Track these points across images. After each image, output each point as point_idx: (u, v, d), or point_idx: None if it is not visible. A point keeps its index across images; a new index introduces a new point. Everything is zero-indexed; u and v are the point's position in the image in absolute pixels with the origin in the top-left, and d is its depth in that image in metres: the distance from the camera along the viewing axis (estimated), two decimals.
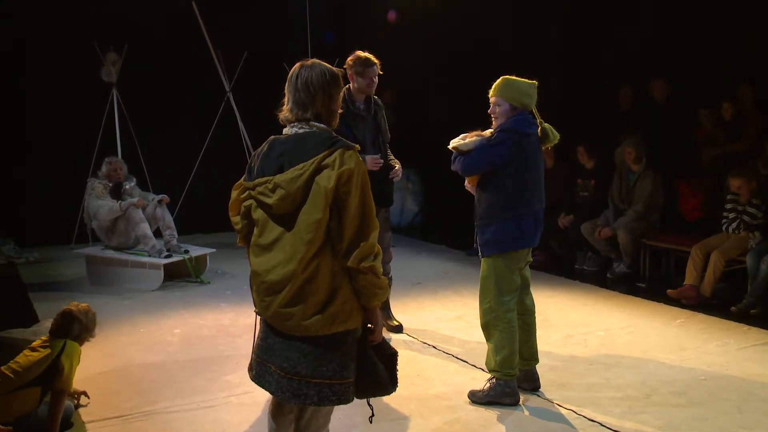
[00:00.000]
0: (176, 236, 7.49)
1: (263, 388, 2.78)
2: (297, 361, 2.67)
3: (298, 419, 2.91)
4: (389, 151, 5.40)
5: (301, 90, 2.67)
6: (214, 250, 7.77)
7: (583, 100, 8.28)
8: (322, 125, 2.69)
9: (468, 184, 4.30)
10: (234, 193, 2.85)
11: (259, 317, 2.83)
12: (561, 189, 7.85)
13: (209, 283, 7.31)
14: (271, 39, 9.81)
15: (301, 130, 2.69)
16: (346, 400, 2.71)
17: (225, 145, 9.56)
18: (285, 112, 2.73)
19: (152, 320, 6.01)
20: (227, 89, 9.43)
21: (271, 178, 2.65)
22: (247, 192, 2.76)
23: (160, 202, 7.50)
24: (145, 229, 7.19)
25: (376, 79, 5.14)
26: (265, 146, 2.77)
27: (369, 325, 2.76)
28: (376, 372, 2.77)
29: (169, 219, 7.51)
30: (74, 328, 3.90)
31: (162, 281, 7.05)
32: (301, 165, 2.59)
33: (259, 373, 2.79)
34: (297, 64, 2.74)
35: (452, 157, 4.28)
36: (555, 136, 4.18)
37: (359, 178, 2.58)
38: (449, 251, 8.80)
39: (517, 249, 4.12)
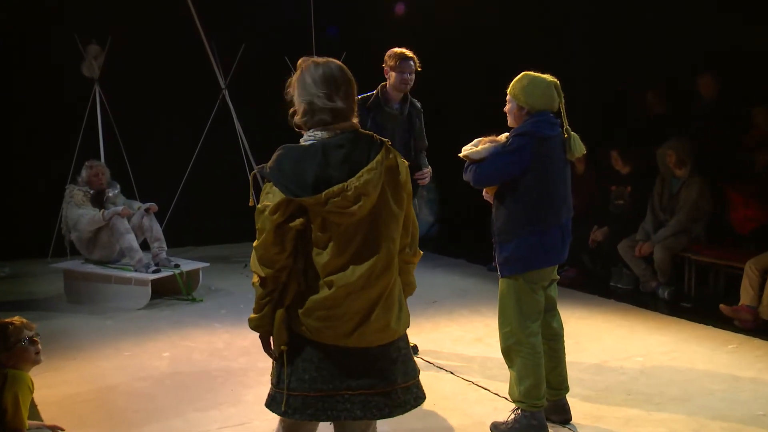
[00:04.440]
0: (165, 249, 7.51)
1: (338, 420, 2.77)
2: (387, 372, 2.81)
3: None
4: (426, 161, 5.53)
5: (309, 91, 2.77)
6: (207, 264, 7.78)
7: (616, 97, 8.27)
8: (345, 124, 2.75)
9: (487, 193, 4.29)
10: (273, 217, 2.64)
11: (284, 348, 2.77)
12: (593, 197, 7.83)
13: (202, 301, 7.33)
14: (271, 30, 9.85)
15: (342, 134, 2.72)
16: (424, 397, 2.94)
17: (220, 147, 9.58)
18: (298, 117, 2.79)
19: (138, 342, 6.02)
20: (222, 86, 9.46)
21: (344, 184, 2.61)
22: (300, 215, 2.66)
23: (147, 210, 7.52)
24: (131, 240, 7.21)
25: (413, 76, 5.26)
26: (316, 158, 2.65)
27: None
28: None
29: (157, 230, 7.53)
30: None
31: (149, 299, 7.07)
32: (369, 166, 2.66)
33: (324, 407, 2.74)
34: (304, 62, 2.83)
35: (464, 167, 4.26)
36: (578, 148, 4.11)
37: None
38: (468, 266, 8.78)
39: (541, 267, 4.10)
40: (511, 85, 4.17)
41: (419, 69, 5.27)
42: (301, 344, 2.76)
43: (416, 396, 2.88)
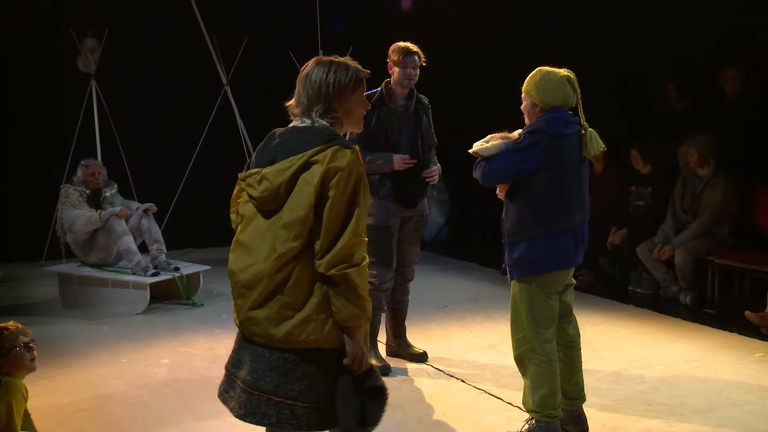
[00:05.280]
0: (165, 251, 7.53)
1: (225, 404, 2.95)
2: (261, 375, 2.82)
3: None
4: (435, 159, 5.52)
5: (311, 89, 2.89)
6: (208, 267, 7.79)
7: (636, 92, 8.25)
8: (324, 122, 2.87)
9: (500, 192, 4.29)
10: (235, 189, 3.09)
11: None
12: (612, 198, 7.81)
13: (202, 305, 7.34)
14: (275, 24, 9.86)
15: (301, 124, 2.90)
16: (307, 427, 2.81)
17: (222, 145, 9.61)
18: (292, 104, 2.95)
19: (136, 349, 6.02)
20: (224, 81, 9.48)
21: (260, 169, 2.86)
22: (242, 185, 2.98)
23: (146, 211, 7.53)
24: (129, 243, 7.23)
25: (417, 71, 5.25)
26: (265, 138, 3.00)
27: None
28: (345, 403, 2.81)
29: (156, 231, 7.54)
30: None
31: (148, 303, 7.08)
32: (290, 158, 2.79)
33: (225, 389, 2.97)
34: (312, 61, 2.94)
35: (474, 164, 4.26)
36: (596, 146, 4.09)
37: (350, 180, 2.74)
38: (480, 270, 8.78)
39: (552, 270, 4.08)
40: (525, 82, 4.17)
41: (424, 64, 5.26)
42: None
43: (282, 417, 2.79)
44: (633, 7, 8.14)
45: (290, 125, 2.95)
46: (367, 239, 2.81)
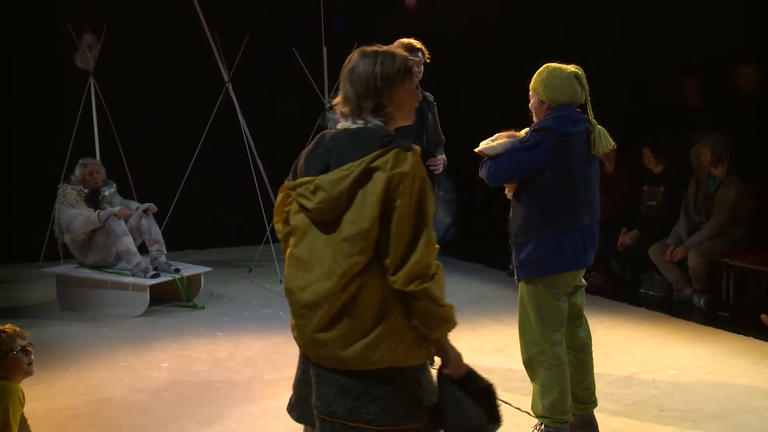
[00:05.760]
0: (165, 252, 7.55)
1: (311, 427, 2.80)
2: (332, 399, 2.66)
3: None
4: (441, 150, 5.53)
5: (358, 83, 2.71)
6: (209, 269, 7.81)
7: (649, 89, 8.23)
8: (378, 121, 2.71)
9: (509, 192, 4.28)
10: (279, 196, 2.90)
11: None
12: (623, 198, 7.80)
13: (203, 308, 7.34)
14: (278, 19, 9.87)
15: (353, 126, 2.72)
16: None
17: (223, 144, 9.62)
18: (339, 101, 2.77)
19: (135, 352, 6.03)
20: (226, 79, 9.47)
21: (314, 178, 2.67)
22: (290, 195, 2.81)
23: (145, 211, 7.55)
24: (128, 243, 7.24)
25: (421, 68, 5.26)
26: (313, 142, 2.82)
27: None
28: (464, 411, 2.74)
29: (156, 232, 7.56)
30: None
31: (147, 306, 7.09)
32: (347, 165, 2.60)
33: (305, 411, 2.80)
34: (356, 53, 2.78)
35: (481, 163, 4.25)
36: (605, 143, 4.08)
37: (415, 185, 2.57)
38: (488, 271, 8.78)
39: (560, 272, 4.07)
40: (532, 79, 4.17)
41: (428, 60, 5.26)
42: None
43: None
44: (645, 1, 8.14)
45: (339, 126, 2.77)
46: (438, 247, 2.65)
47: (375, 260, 2.59)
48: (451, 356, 2.74)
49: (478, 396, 2.77)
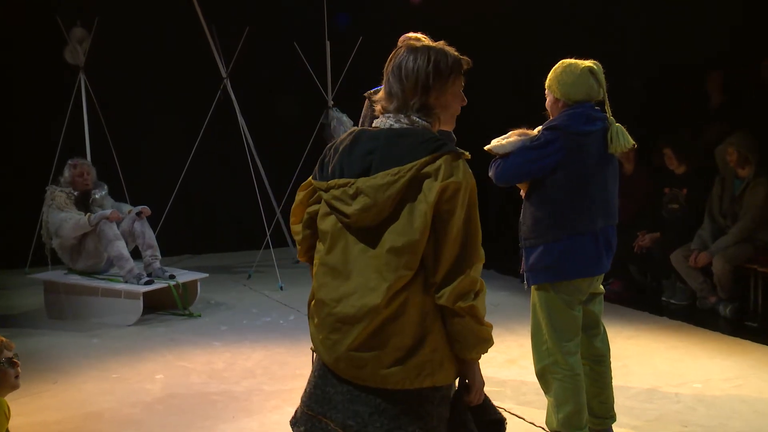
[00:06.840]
0: (159, 258, 7.55)
1: None
2: (368, 419, 2.61)
3: None
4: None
5: (406, 79, 2.63)
6: (206, 275, 7.81)
7: (671, 86, 8.22)
8: (425, 122, 2.65)
9: (523, 193, 4.27)
10: (300, 195, 2.80)
11: (315, 356, 2.79)
12: (643, 201, 7.79)
13: (199, 316, 7.35)
14: (279, 12, 9.87)
15: (397, 125, 2.64)
16: None
17: (221, 144, 9.63)
18: (382, 97, 2.70)
19: (127, 363, 6.03)
20: (224, 75, 9.50)
21: (353, 180, 2.59)
22: (316, 194, 2.72)
23: (138, 214, 7.56)
24: (121, 248, 7.25)
25: None
26: (347, 138, 2.71)
27: (466, 381, 2.71)
28: None
29: (150, 236, 7.57)
30: None
31: (141, 314, 7.09)
32: (395, 169, 2.53)
33: (315, 427, 2.74)
34: (403, 46, 2.72)
35: (491, 162, 4.24)
36: (623, 142, 4.06)
37: (467, 195, 2.54)
38: (499, 278, 8.76)
39: (570, 278, 4.06)
40: (548, 77, 4.17)
41: None
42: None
43: None
44: None
45: (380, 123, 2.68)
46: (484, 260, 2.63)
47: (417, 275, 2.55)
48: (477, 381, 2.70)
49: (486, 429, 2.75)
